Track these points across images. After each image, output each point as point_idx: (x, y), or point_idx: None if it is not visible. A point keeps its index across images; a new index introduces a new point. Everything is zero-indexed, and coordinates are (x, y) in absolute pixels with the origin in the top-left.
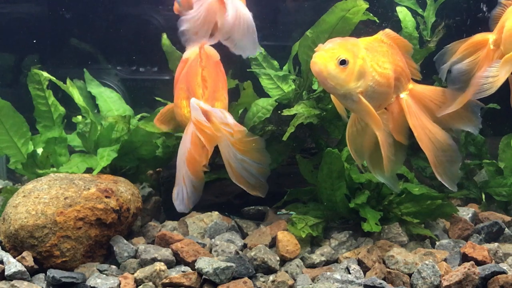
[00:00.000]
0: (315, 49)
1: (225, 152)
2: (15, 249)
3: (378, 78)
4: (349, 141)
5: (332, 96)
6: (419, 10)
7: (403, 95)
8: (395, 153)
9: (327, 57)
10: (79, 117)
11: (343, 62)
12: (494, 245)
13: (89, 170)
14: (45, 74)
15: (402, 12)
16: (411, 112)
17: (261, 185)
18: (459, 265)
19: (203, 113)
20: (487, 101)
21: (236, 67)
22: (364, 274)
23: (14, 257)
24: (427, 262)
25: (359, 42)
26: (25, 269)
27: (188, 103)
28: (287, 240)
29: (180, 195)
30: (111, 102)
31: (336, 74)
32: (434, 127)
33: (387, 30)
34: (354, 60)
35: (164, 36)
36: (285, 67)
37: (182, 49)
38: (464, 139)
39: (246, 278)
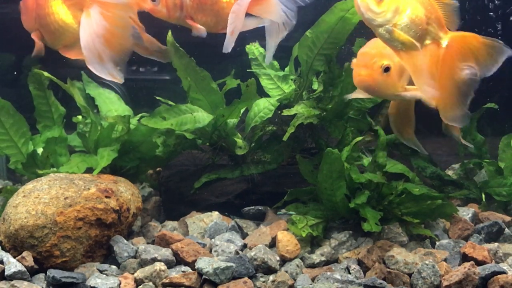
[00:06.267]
0: None
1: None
2: (15, 249)
3: (411, 15)
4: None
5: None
6: None
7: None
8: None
9: None
10: (79, 117)
11: None
12: (494, 245)
13: (89, 170)
14: (46, 74)
15: None
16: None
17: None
18: (459, 265)
19: None
20: (486, 101)
21: (237, 67)
22: (364, 274)
23: (14, 257)
24: (427, 262)
25: None
26: (25, 269)
27: (70, 4)
28: (287, 240)
29: (103, 70)
30: (110, 103)
31: None
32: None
33: None
34: None
35: (169, 33)
36: (286, 69)
37: (185, 48)
38: (464, 139)
39: (246, 278)
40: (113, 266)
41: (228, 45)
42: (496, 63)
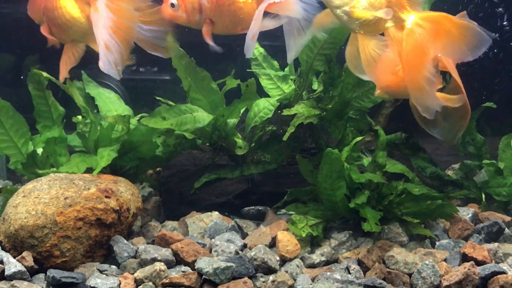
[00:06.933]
0: None
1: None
2: (15, 249)
3: None
4: (349, 61)
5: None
6: None
7: (390, 24)
8: None
9: None
10: (79, 117)
11: None
12: (494, 245)
13: (89, 170)
14: (45, 74)
15: None
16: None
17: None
18: (459, 265)
19: None
20: (485, 101)
21: (237, 67)
22: (364, 274)
23: (14, 257)
24: (427, 262)
25: None
26: (25, 269)
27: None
28: (287, 240)
29: (107, 61)
30: (110, 103)
31: None
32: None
33: None
34: None
35: None
36: (286, 69)
37: (186, 48)
38: (463, 139)
39: (246, 278)
40: (113, 266)
41: (249, 50)
42: (475, 49)
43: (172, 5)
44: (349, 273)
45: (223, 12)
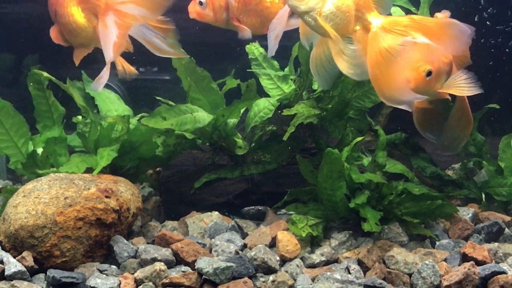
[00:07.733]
0: None
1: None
2: (15, 249)
3: (337, 2)
4: (312, 64)
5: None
6: (413, 9)
7: (358, 28)
8: None
9: None
10: (79, 117)
11: None
12: (494, 245)
13: (89, 170)
14: (45, 74)
15: (396, 13)
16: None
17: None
18: (459, 265)
19: None
20: (487, 101)
21: (237, 67)
22: (364, 274)
23: (14, 257)
24: (427, 262)
25: None
26: (25, 269)
27: (84, 7)
28: (287, 240)
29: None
30: (110, 103)
31: None
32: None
33: None
34: None
35: None
36: (286, 69)
37: (186, 48)
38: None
39: (246, 278)
40: (113, 266)
41: (272, 49)
42: (458, 42)
43: (200, 3)
44: (349, 273)
45: (250, 11)
